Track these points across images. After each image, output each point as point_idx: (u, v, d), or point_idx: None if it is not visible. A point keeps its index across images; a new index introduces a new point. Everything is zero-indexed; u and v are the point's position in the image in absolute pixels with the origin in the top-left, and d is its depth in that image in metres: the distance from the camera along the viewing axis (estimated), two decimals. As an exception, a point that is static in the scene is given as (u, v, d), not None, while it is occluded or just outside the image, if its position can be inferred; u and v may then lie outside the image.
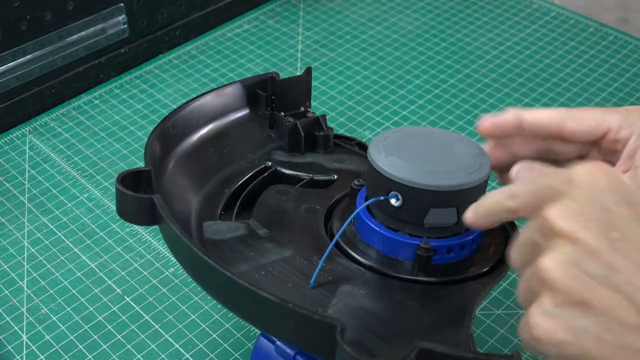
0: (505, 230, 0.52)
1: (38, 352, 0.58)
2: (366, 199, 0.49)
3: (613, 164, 0.47)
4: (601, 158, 0.48)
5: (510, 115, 0.49)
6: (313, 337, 0.40)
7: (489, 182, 0.47)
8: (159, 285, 0.63)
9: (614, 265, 0.33)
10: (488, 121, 0.49)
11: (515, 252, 0.38)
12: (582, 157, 0.49)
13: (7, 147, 0.77)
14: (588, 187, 0.35)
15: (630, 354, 0.33)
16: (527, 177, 0.42)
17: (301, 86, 0.60)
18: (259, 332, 0.52)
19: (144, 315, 0.61)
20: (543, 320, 0.34)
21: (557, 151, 0.49)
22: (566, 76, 0.87)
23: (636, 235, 0.33)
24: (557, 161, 0.49)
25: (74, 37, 0.80)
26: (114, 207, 0.68)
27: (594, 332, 0.33)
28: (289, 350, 0.48)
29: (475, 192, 0.45)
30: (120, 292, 0.62)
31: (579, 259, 0.33)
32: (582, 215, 0.34)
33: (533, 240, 0.36)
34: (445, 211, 0.46)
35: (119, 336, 0.59)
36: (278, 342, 0.48)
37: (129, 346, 0.58)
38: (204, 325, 0.60)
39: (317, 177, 0.56)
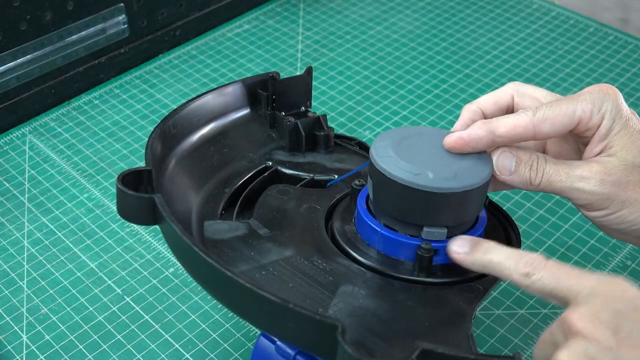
0: (505, 231, 0.52)
1: (38, 352, 0.58)
2: (367, 199, 0.49)
3: (584, 145, 0.49)
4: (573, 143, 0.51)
5: (482, 132, 0.47)
6: (314, 338, 0.40)
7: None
8: (159, 285, 0.63)
9: (620, 357, 0.38)
10: (459, 138, 0.47)
11: (538, 351, 0.43)
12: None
13: (7, 147, 0.77)
14: (604, 297, 0.40)
15: None
16: (545, 267, 0.43)
17: (302, 86, 0.60)
18: (259, 332, 0.52)
19: (144, 315, 0.61)
20: None
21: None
22: (566, 76, 0.87)
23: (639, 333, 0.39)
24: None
25: (74, 37, 0.80)
26: (114, 207, 0.68)
27: None
28: (289, 350, 0.48)
29: (439, 198, 0.45)
30: (120, 292, 0.62)
31: (591, 352, 0.38)
32: (597, 319, 0.39)
33: (554, 339, 0.41)
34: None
35: (119, 336, 0.59)
36: (278, 342, 0.48)
37: (129, 346, 0.58)
38: (204, 325, 0.60)
39: (317, 177, 0.56)
